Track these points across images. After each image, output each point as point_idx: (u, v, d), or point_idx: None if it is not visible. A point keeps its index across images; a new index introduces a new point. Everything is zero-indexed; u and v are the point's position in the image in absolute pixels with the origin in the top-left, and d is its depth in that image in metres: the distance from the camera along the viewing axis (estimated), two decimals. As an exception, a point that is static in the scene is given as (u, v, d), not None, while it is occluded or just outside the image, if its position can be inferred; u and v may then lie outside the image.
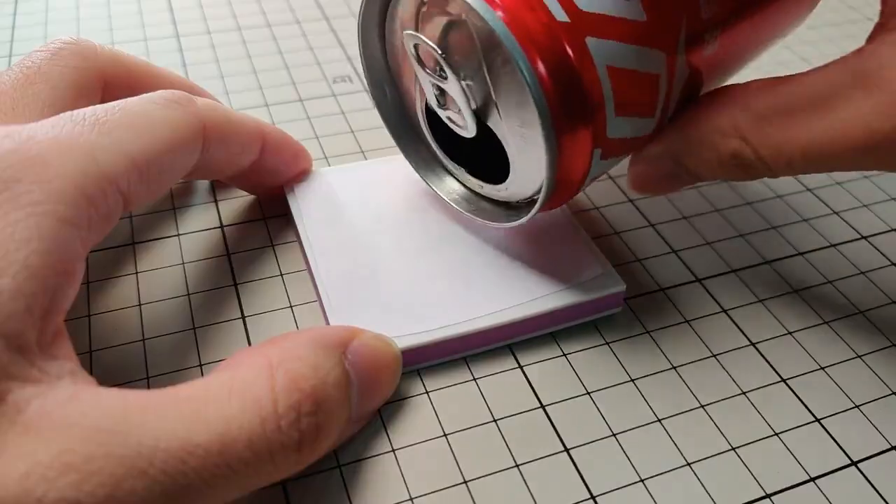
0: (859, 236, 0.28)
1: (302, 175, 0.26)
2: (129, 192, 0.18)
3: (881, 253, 0.27)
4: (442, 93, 0.22)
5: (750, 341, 0.23)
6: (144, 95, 0.20)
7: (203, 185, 0.28)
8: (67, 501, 0.13)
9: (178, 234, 0.26)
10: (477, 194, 0.25)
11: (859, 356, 0.23)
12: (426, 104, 0.23)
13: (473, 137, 0.22)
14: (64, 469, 0.13)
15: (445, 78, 0.21)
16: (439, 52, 0.21)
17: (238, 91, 0.33)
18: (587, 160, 0.20)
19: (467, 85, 0.21)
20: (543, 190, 0.20)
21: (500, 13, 0.18)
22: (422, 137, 0.25)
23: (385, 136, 0.31)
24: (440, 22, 0.20)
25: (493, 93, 0.20)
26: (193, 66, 0.35)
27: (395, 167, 0.27)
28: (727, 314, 0.24)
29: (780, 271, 0.26)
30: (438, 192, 0.25)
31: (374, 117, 0.32)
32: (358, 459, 0.20)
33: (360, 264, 0.23)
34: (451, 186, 0.25)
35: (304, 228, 0.24)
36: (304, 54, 0.36)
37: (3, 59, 0.35)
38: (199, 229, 0.26)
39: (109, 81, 0.23)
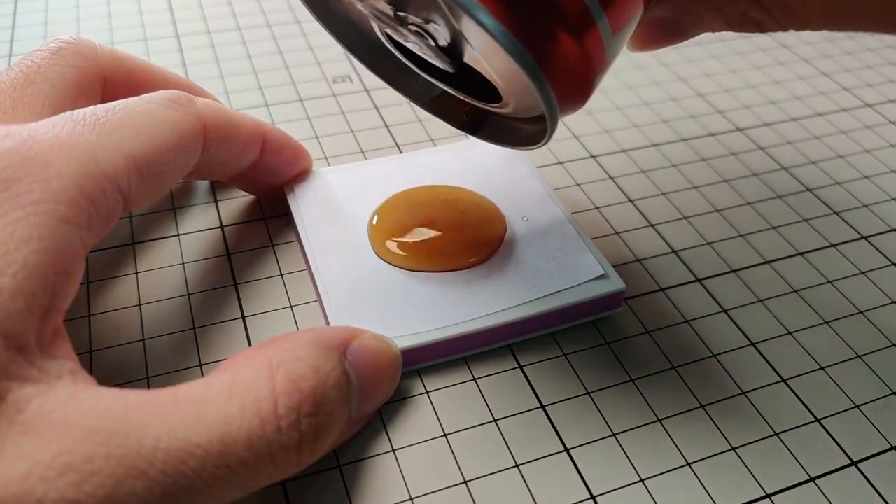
0: (859, 236, 0.28)
1: (302, 175, 0.26)
2: (129, 192, 0.18)
3: (881, 253, 0.27)
4: (406, 32, 0.20)
5: (750, 341, 0.23)
6: (145, 95, 0.20)
7: (203, 185, 0.28)
8: (67, 502, 0.13)
9: (178, 234, 0.26)
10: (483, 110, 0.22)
11: (859, 356, 0.23)
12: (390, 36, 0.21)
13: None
14: (64, 469, 0.13)
15: (406, 31, 0.19)
16: (392, 8, 0.19)
17: (238, 91, 0.33)
18: (590, 85, 0.18)
19: (434, 28, 0.19)
20: (548, 130, 0.19)
21: None
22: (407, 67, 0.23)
23: (385, 136, 0.31)
24: None
25: (462, 32, 0.18)
26: (193, 66, 0.35)
27: (395, 167, 0.27)
28: (727, 314, 0.24)
29: (781, 271, 0.26)
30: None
31: (375, 117, 0.32)
32: (358, 459, 0.20)
33: (360, 264, 0.23)
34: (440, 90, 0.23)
35: (304, 228, 0.24)
36: (304, 54, 0.36)
37: (3, 59, 0.35)
38: (199, 229, 0.26)
39: (109, 81, 0.23)
